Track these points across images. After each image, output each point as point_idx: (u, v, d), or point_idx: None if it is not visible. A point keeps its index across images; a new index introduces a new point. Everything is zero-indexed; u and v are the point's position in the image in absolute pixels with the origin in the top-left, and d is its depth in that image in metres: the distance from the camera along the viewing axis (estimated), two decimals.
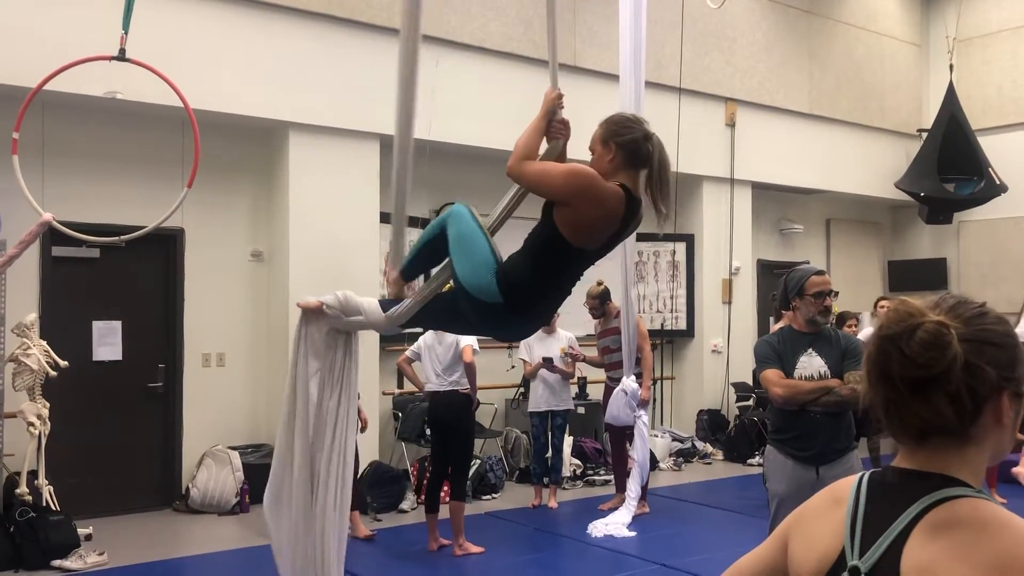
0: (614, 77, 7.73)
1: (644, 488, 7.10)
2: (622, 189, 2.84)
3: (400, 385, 8.24)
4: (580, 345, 7.77)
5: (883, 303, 8.21)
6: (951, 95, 11.43)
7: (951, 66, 11.40)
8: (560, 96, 3.09)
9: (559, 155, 3.09)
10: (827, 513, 1.34)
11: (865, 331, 8.91)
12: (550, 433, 7.51)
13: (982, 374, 1.22)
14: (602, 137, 2.92)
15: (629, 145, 2.87)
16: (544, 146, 3.10)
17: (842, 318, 7.93)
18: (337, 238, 7.62)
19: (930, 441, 1.26)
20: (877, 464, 8.63)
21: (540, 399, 7.51)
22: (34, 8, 6.26)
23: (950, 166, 11.30)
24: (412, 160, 3.18)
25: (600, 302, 7.36)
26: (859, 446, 3.99)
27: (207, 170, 6.65)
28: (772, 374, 3.97)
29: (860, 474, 1.35)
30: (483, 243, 2.94)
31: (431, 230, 3.14)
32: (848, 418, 3.95)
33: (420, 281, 3.40)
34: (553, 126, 3.07)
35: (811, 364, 3.94)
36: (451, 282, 3.03)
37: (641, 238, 8.35)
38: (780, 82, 10.97)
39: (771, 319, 7.42)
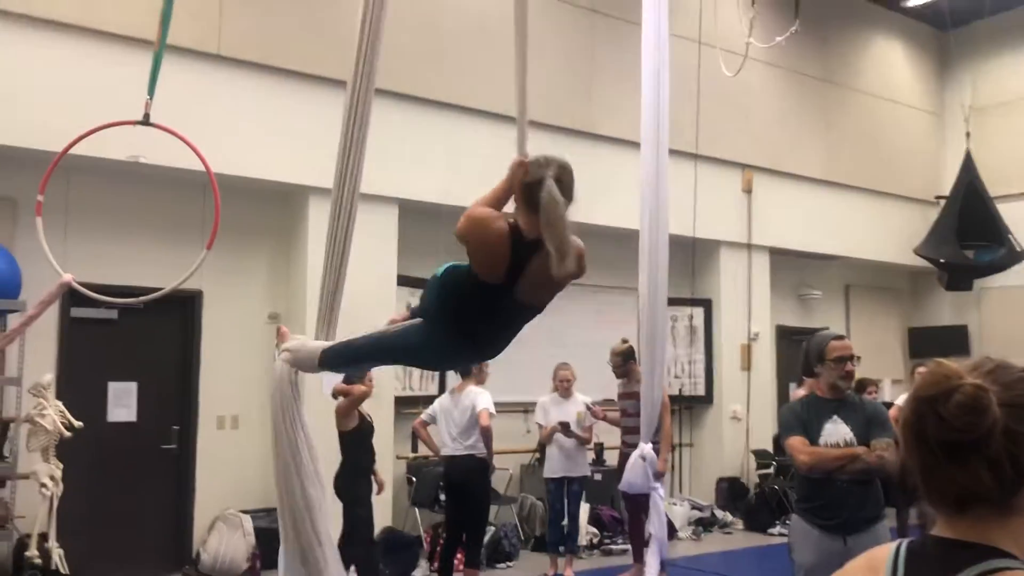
0: (631, 144, 7.79)
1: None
2: (509, 227, 2.83)
3: (415, 449, 8.16)
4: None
5: (920, 369, 8.05)
6: (968, 162, 11.45)
7: (967, 134, 11.44)
8: (523, 163, 2.98)
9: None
10: None
11: (902, 399, 8.77)
12: (566, 500, 7.38)
13: (1023, 441, 1.17)
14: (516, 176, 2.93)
15: (524, 188, 2.84)
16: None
17: (861, 385, 7.80)
18: (354, 301, 7.56)
19: (971, 510, 1.21)
20: (905, 535, 8.42)
21: (556, 464, 7.40)
22: (60, 74, 6.42)
23: (970, 233, 11.27)
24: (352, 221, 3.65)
25: (623, 360, 7.25)
26: (888, 516, 3.89)
27: (227, 233, 6.71)
28: (797, 441, 3.92)
29: (897, 542, 1.30)
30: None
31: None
32: (876, 487, 3.87)
33: None
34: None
35: (836, 431, 3.88)
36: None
37: None
38: (797, 149, 11.03)
39: (792, 386, 7.31)
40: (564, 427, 7.28)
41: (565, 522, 7.40)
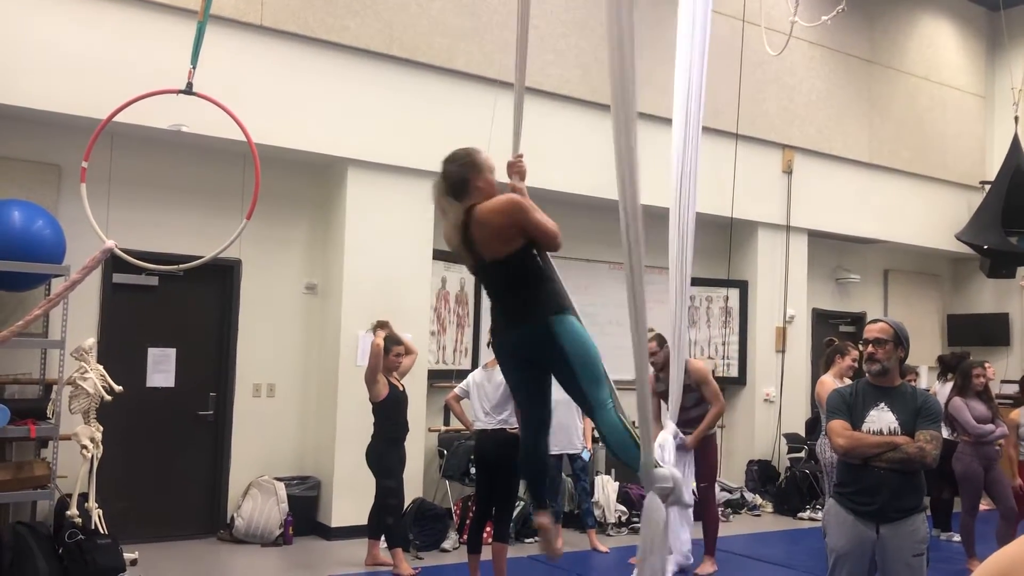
0: (669, 121, 7.72)
1: (713, 543, 6.92)
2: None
3: (447, 422, 8.22)
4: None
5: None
6: (1016, 147, 11.20)
7: (1016, 117, 11.18)
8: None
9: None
10: None
11: (938, 386, 8.63)
12: (575, 475, 7.35)
13: None
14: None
15: None
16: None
17: (902, 372, 7.67)
18: (390, 273, 7.69)
19: None
20: (938, 526, 8.29)
21: (552, 440, 7.31)
22: (105, 43, 6.48)
23: (1014, 219, 11.04)
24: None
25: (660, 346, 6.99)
26: (927, 506, 3.81)
27: (266, 203, 6.78)
28: (837, 424, 3.87)
29: None
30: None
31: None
32: (918, 478, 3.78)
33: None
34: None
35: (881, 419, 3.81)
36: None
37: (695, 282, 8.21)
38: (839, 130, 10.86)
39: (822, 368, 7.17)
40: None
41: (596, 499, 7.41)
